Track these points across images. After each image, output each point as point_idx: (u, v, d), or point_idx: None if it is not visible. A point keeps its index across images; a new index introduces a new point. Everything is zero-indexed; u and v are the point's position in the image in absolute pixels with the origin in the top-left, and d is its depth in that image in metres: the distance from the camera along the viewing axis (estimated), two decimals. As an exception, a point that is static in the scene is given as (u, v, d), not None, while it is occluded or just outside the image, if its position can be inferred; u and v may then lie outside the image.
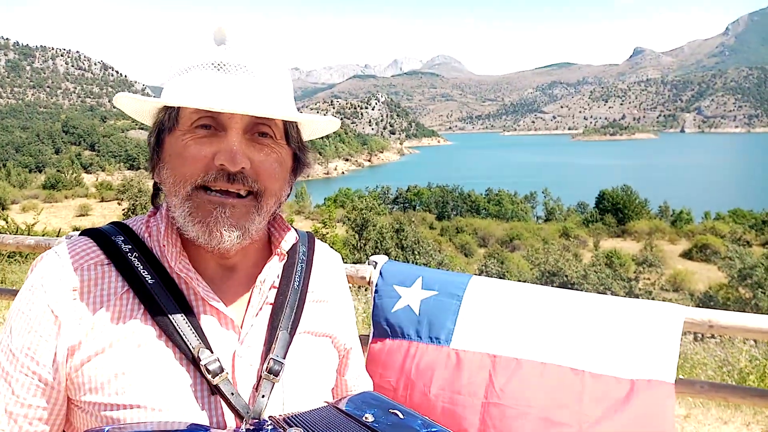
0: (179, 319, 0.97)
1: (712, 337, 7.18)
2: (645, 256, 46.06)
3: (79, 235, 1.07)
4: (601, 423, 2.64)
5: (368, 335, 3.29)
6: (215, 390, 0.95)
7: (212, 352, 0.96)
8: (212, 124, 0.97)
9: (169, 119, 1.00)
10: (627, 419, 2.61)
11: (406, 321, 3.27)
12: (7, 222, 16.04)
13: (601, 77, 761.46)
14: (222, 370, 0.95)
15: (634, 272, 42.58)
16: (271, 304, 1.09)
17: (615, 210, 73.62)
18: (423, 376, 2.99)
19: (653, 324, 2.95)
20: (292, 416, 0.92)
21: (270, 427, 0.88)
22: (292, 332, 1.07)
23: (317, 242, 1.28)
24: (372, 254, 4.47)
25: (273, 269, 1.11)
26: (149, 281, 0.99)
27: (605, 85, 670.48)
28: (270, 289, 1.10)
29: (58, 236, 9.11)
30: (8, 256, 10.98)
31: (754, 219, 63.18)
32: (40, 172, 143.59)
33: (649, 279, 40.98)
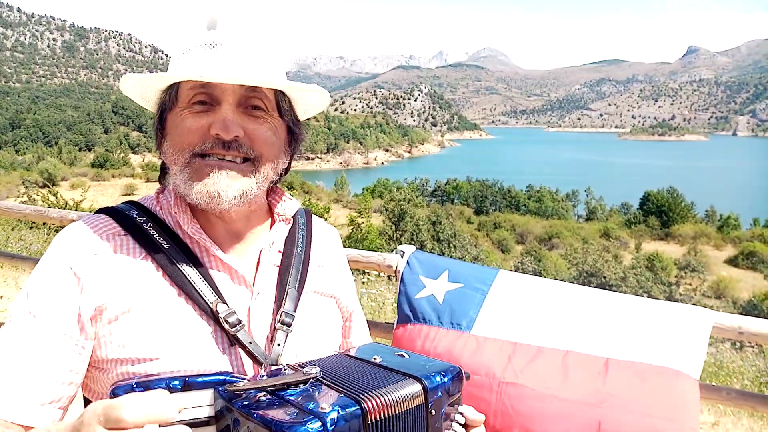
0: (196, 278, 1.05)
1: (751, 346, 6.98)
2: (688, 260, 44.82)
3: (96, 213, 1.15)
4: (623, 405, 2.61)
5: (392, 324, 3.33)
6: (234, 340, 1.03)
7: (228, 307, 1.04)
8: (207, 99, 1.05)
9: (169, 99, 1.09)
10: (650, 404, 2.57)
11: (428, 307, 3.30)
12: (56, 198, 16.63)
13: (652, 75, 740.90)
14: (239, 321, 1.03)
15: (676, 277, 41.53)
16: (277, 266, 1.17)
17: (659, 212, 71.76)
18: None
19: (680, 326, 2.90)
20: (304, 362, 0.98)
21: (287, 371, 0.94)
22: (299, 290, 1.16)
23: (314, 217, 1.37)
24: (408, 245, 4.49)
25: (280, 233, 1.21)
26: (165, 246, 1.07)
27: (656, 83, 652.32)
28: (276, 252, 1.19)
29: (102, 213, 9.40)
30: (55, 231, 11.39)
31: (806, 228, 60.82)
32: (90, 150, 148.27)
33: (690, 285, 39.90)
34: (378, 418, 0.83)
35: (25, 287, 1.04)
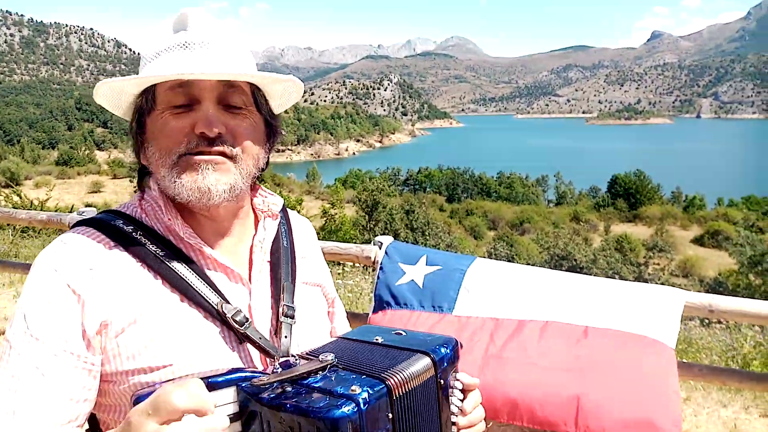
0: (196, 282, 1.05)
1: (719, 322, 7.18)
2: (656, 241, 45.83)
3: (74, 227, 1.12)
4: (604, 370, 2.67)
5: (368, 314, 3.36)
6: (243, 338, 1.06)
7: (233, 306, 1.06)
8: (187, 100, 1.06)
9: (146, 102, 1.09)
10: (630, 369, 2.63)
11: (409, 293, 3.33)
12: (20, 198, 16.26)
13: (618, 61, 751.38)
14: (247, 319, 1.05)
15: (644, 257, 42.43)
16: (268, 261, 1.20)
17: (627, 195, 73.11)
18: None
19: (654, 306, 2.99)
20: (312, 351, 1.01)
21: (299, 361, 0.96)
22: (293, 283, 1.20)
23: (288, 210, 1.40)
24: (382, 235, 4.52)
25: (269, 230, 1.22)
26: (160, 253, 1.06)
27: (621, 68, 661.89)
28: (267, 248, 1.22)
29: (70, 212, 9.23)
30: (21, 231, 11.13)
31: (767, 206, 62.61)
32: (53, 148, 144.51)
33: (658, 264, 40.82)
34: (401, 393, 0.87)
35: (20, 310, 1.02)
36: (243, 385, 0.87)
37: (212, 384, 0.86)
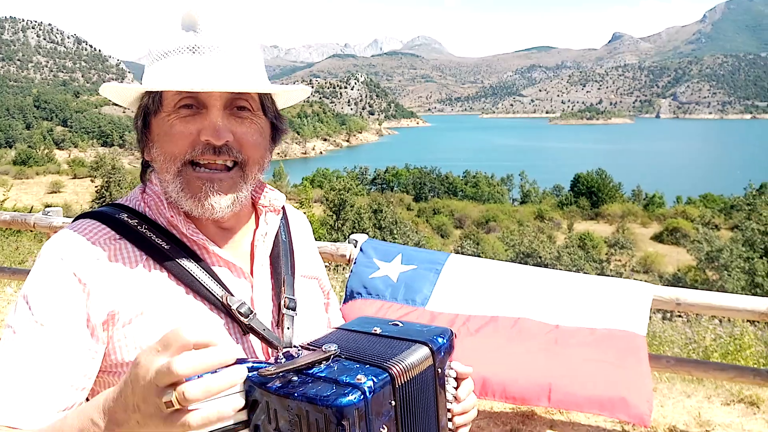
0: (202, 275, 1.07)
1: (680, 316, 7.41)
2: (617, 238, 46.93)
3: (76, 219, 1.13)
4: (577, 355, 2.74)
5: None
6: (247, 329, 1.08)
7: (238, 299, 1.08)
8: (194, 103, 1.05)
9: (153, 103, 1.08)
10: (603, 354, 2.71)
11: (382, 285, 3.37)
12: (-23, 198, 15.75)
13: (580, 61, 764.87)
14: (251, 311, 1.07)
15: (606, 254, 43.40)
16: (269, 255, 1.22)
17: (589, 193, 74.62)
18: None
19: (624, 299, 3.09)
20: (313, 341, 1.02)
21: (301, 352, 0.97)
22: (292, 276, 1.22)
23: (285, 205, 1.40)
24: (350, 234, 4.54)
25: (272, 224, 1.23)
26: (165, 247, 1.08)
27: (583, 69, 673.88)
28: (269, 242, 1.23)
29: (30, 212, 8.99)
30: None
31: (723, 203, 64.59)
32: (11, 147, 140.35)
33: (620, 261, 41.82)
34: (403, 382, 0.91)
35: (24, 297, 1.02)
36: (249, 375, 0.88)
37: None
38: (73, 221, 1.13)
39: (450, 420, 1.10)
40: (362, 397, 0.82)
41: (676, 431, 3.80)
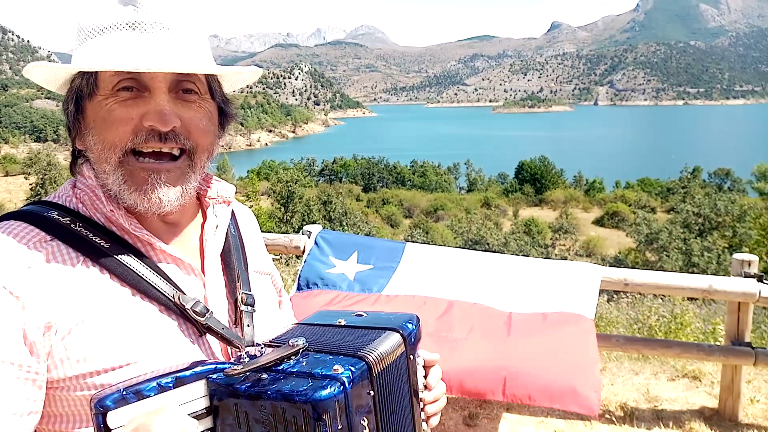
0: (149, 274, 0.98)
1: (624, 297, 7.68)
2: (561, 223, 48.30)
3: (1, 221, 1.00)
4: (529, 345, 2.80)
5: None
6: (204, 330, 0.99)
7: (191, 297, 1.00)
8: (134, 85, 0.95)
9: (87, 85, 0.97)
10: (554, 342, 2.78)
11: (338, 280, 3.35)
12: None
13: (521, 50, 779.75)
14: (207, 310, 0.98)
15: (551, 239, 44.65)
16: (220, 250, 1.14)
17: (533, 180, 76.50)
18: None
19: (574, 281, 3.17)
20: (276, 338, 0.98)
21: (264, 350, 0.93)
22: (246, 271, 1.15)
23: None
24: (299, 227, 4.47)
25: (223, 216, 1.14)
26: (105, 246, 0.97)
27: (524, 58, 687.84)
28: (219, 236, 1.14)
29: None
30: None
31: (660, 187, 67.46)
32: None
33: (564, 245, 43.10)
34: (379, 371, 0.87)
35: None
36: (213, 377, 0.84)
37: (180, 379, 0.83)
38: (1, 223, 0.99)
39: (422, 409, 1.07)
40: (342, 388, 0.78)
41: (626, 408, 3.94)
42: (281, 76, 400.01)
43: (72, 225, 0.98)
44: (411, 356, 0.98)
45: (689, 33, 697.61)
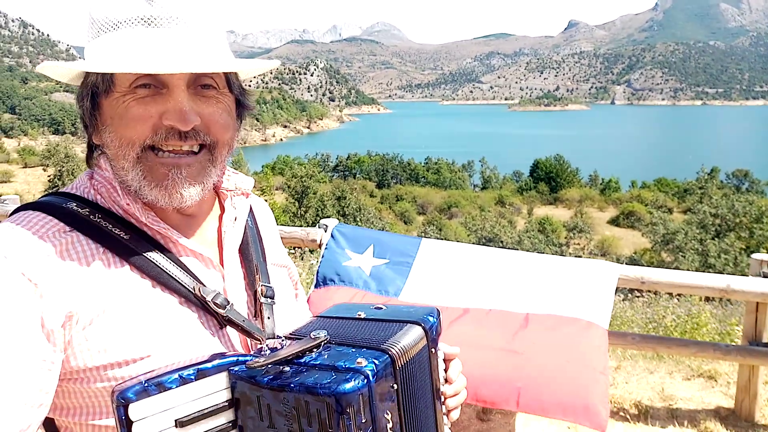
0: (169, 266, 0.97)
1: (640, 296, 7.63)
2: (575, 222, 47.95)
3: (15, 212, 0.99)
4: (542, 352, 2.82)
5: (307, 296, 3.38)
6: (224, 322, 0.99)
7: (212, 289, 0.99)
8: (152, 83, 0.93)
9: (103, 82, 0.95)
10: (566, 351, 2.80)
11: (355, 275, 3.38)
12: None
13: (537, 49, 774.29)
14: (228, 302, 0.98)
15: (565, 238, 44.34)
16: (238, 242, 1.13)
17: (548, 178, 76.00)
18: None
19: (591, 279, 3.16)
20: (296, 331, 0.97)
21: (285, 343, 0.92)
22: (264, 263, 1.14)
23: None
24: (313, 222, 4.50)
25: (241, 208, 1.13)
26: (124, 237, 0.96)
27: (541, 56, 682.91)
28: (238, 228, 1.13)
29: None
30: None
31: (676, 187, 66.68)
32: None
33: (578, 244, 42.79)
34: (403, 364, 0.86)
35: None
36: (235, 369, 0.84)
37: (202, 371, 0.83)
38: (11, 214, 0.98)
39: (443, 403, 1.06)
40: (366, 381, 0.78)
41: (641, 406, 3.93)
42: (297, 72, 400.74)
43: (91, 216, 0.97)
44: (433, 349, 0.97)
45: (709, 33, 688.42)
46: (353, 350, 0.85)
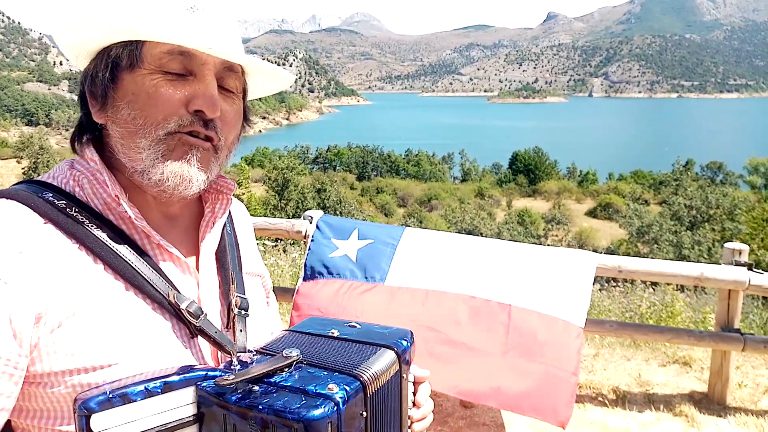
0: (144, 269, 0.93)
1: (616, 286, 7.80)
2: (554, 214, 48.53)
3: None
4: (521, 355, 2.92)
5: (295, 288, 3.43)
6: (196, 332, 0.95)
7: (186, 296, 0.95)
8: (181, 67, 0.92)
9: (129, 56, 0.92)
10: (542, 354, 2.91)
11: (342, 265, 3.43)
12: None
13: (516, 41, 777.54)
14: (202, 311, 0.94)
15: (544, 229, 44.83)
16: (215, 248, 1.09)
17: (527, 171, 76.64)
18: (355, 302, 3.18)
19: (571, 268, 3.25)
20: (267, 345, 0.95)
21: (257, 357, 0.90)
22: (240, 272, 1.10)
23: None
24: (293, 214, 4.53)
25: (221, 213, 1.09)
26: (100, 234, 0.92)
27: (520, 48, 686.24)
28: (216, 233, 1.09)
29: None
30: None
31: (653, 179, 67.73)
32: None
33: (557, 236, 43.33)
34: (374, 390, 0.85)
35: None
36: (203, 385, 0.82)
37: (169, 384, 0.81)
38: None
39: (409, 427, 1.04)
40: (335, 408, 0.77)
41: (619, 391, 4.05)
42: (275, 62, 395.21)
43: (67, 209, 0.92)
44: (404, 375, 0.96)
45: (684, 26, 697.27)
46: (325, 373, 0.83)
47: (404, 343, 0.96)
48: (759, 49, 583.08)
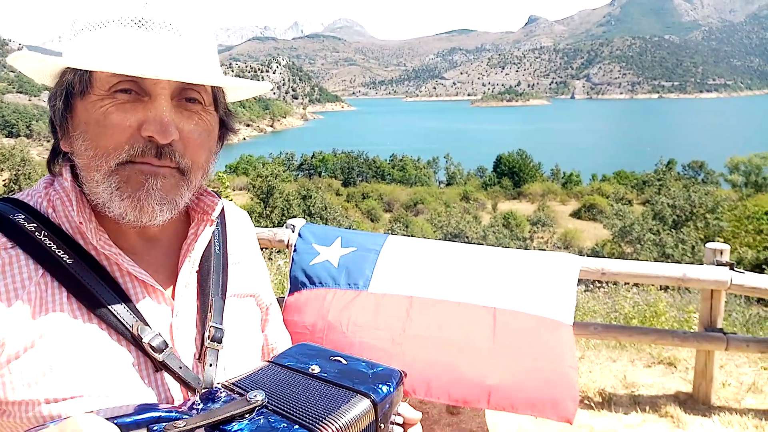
0: (110, 298, 0.89)
1: (601, 287, 7.83)
2: (539, 216, 48.80)
3: None
4: (512, 354, 2.90)
5: (284, 297, 3.39)
6: (160, 366, 0.90)
7: (151, 329, 0.90)
8: (134, 88, 0.86)
9: (80, 82, 0.88)
10: (536, 352, 2.88)
11: (323, 272, 3.39)
12: None
13: (498, 44, 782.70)
14: (166, 345, 0.90)
15: (529, 232, 45.02)
16: (196, 272, 1.02)
17: (511, 173, 77.07)
18: (340, 316, 3.13)
19: (554, 271, 3.25)
20: (239, 380, 0.89)
21: (224, 395, 0.86)
22: (222, 297, 1.03)
23: (225, 201, 1.19)
24: (278, 222, 4.49)
25: (203, 237, 1.03)
26: (67, 261, 0.88)
27: (502, 52, 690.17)
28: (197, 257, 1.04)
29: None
30: None
31: (635, 180, 68.29)
32: None
33: (542, 238, 43.53)
34: None
35: None
36: (155, 428, 0.78)
37: (120, 425, 0.77)
38: None
39: None
40: None
41: (604, 393, 4.05)
42: (259, 69, 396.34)
43: (36, 233, 0.89)
44: (382, 425, 0.89)
45: (664, 27, 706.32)
46: (285, 425, 0.79)
47: (384, 389, 0.89)
48: (736, 49, 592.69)
